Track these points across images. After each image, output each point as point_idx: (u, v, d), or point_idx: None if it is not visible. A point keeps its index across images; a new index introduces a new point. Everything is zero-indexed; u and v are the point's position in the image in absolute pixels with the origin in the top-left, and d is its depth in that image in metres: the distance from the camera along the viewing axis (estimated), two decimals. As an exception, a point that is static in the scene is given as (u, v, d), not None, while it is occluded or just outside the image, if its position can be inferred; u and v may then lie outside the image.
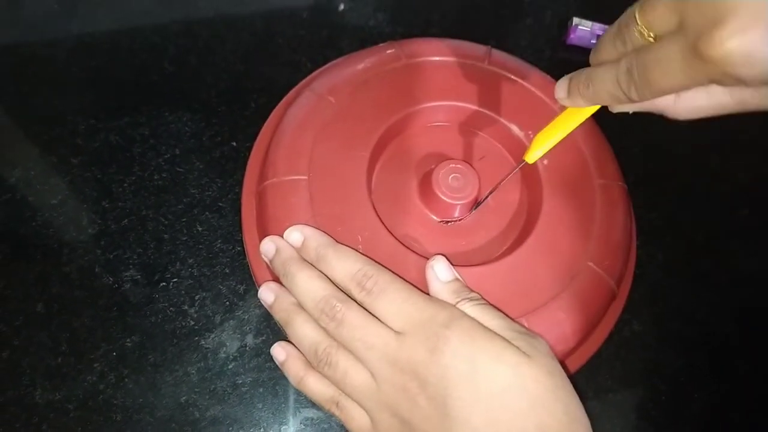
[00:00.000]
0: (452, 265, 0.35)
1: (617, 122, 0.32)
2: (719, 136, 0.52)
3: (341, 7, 0.54)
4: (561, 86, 0.33)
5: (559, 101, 0.33)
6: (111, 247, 0.42)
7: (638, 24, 0.27)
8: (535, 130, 0.34)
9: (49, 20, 0.51)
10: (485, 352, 0.30)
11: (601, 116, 0.34)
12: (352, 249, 0.35)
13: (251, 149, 0.44)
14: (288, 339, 0.36)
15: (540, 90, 0.44)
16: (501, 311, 0.33)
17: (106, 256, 0.42)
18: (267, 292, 0.37)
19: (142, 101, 0.48)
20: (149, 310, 0.41)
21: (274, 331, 0.41)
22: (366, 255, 0.35)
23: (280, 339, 0.37)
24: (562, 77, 0.33)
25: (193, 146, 0.46)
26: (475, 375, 0.29)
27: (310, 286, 0.34)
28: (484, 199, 0.40)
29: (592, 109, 0.33)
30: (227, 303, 0.41)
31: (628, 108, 0.32)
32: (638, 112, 0.32)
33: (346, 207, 0.38)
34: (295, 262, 0.35)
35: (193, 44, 0.51)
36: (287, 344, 0.36)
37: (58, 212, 0.43)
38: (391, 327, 0.32)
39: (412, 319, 0.31)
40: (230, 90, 0.49)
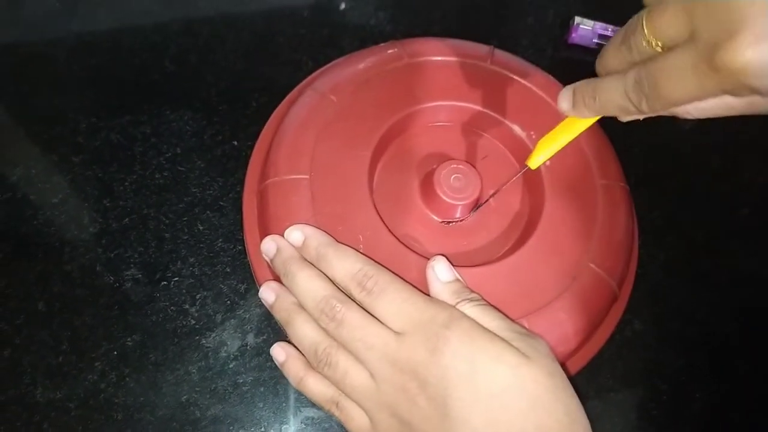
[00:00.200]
0: (453, 265, 0.35)
1: (619, 122, 0.32)
2: (720, 136, 0.52)
3: (342, 6, 0.54)
4: (565, 97, 0.32)
5: (563, 113, 0.32)
6: (112, 245, 0.42)
7: (645, 33, 0.26)
8: (538, 130, 0.34)
9: (50, 19, 0.51)
10: (485, 353, 0.30)
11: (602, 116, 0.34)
12: (353, 249, 0.35)
13: (252, 148, 0.44)
14: (288, 339, 0.36)
15: (543, 90, 0.44)
16: (501, 312, 0.33)
17: (107, 254, 0.42)
18: (268, 292, 0.37)
19: (143, 100, 0.48)
20: (150, 309, 0.41)
21: (275, 330, 0.41)
22: (367, 255, 0.35)
23: (280, 338, 0.37)
24: (564, 87, 0.32)
25: (195, 145, 0.46)
26: (475, 375, 0.29)
27: (310, 285, 0.34)
28: (486, 201, 0.40)
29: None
30: (228, 302, 0.41)
31: (638, 116, 0.31)
32: (648, 117, 0.31)
33: (348, 206, 0.38)
34: (295, 261, 0.35)
35: (194, 43, 0.51)
36: (287, 344, 0.36)
37: (60, 211, 0.43)
38: (390, 327, 0.32)
39: (412, 319, 0.31)
40: (231, 89, 0.49)
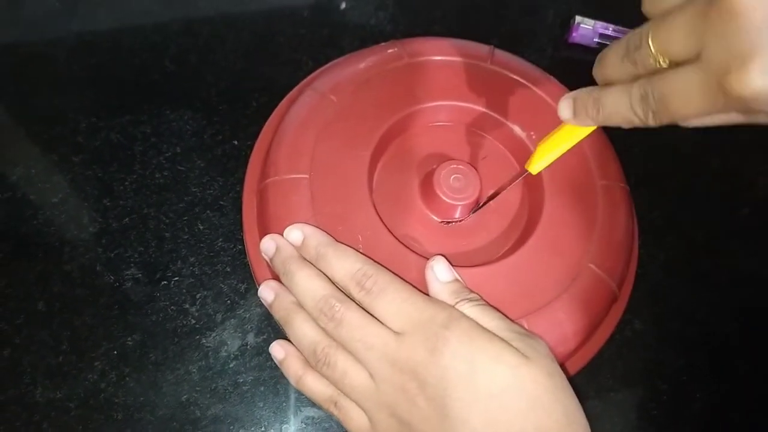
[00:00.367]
0: (452, 265, 0.35)
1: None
2: (720, 136, 0.52)
3: (342, 5, 0.54)
4: (565, 106, 0.31)
5: (564, 121, 0.32)
6: (112, 245, 0.42)
7: (652, 50, 0.25)
8: (538, 130, 0.33)
9: (50, 19, 0.51)
10: (484, 353, 0.30)
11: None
12: (352, 248, 0.35)
13: (252, 148, 0.44)
14: (287, 338, 0.36)
15: (543, 91, 0.44)
16: (500, 312, 0.33)
17: (107, 254, 0.42)
18: (267, 291, 0.37)
19: (143, 100, 0.48)
20: (150, 309, 0.41)
21: (275, 329, 0.41)
22: (366, 255, 0.35)
23: (280, 338, 0.37)
24: (565, 95, 0.31)
25: (195, 145, 0.46)
26: (475, 376, 0.29)
27: (309, 285, 0.34)
28: (485, 203, 0.40)
29: None
30: (228, 302, 0.41)
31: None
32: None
33: (347, 206, 0.38)
34: (295, 260, 0.35)
35: (194, 43, 0.51)
36: (286, 343, 0.36)
37: (59, 211, 0.43)
38: (390, 327, 0.32)
39: (411, 319, 0.31)
40: (231, 88, 0.49)
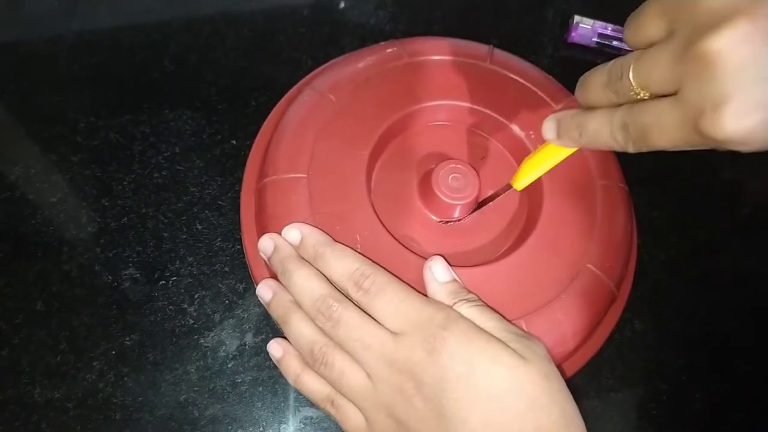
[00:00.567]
0: (451, 265, 0.35)
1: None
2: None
3: (342, 4, 0.54)
4: (549, 128, 0.32)
5: (547, 141, 0.33)
6: (111, 245, 0.42)
7: (632, 84, 0.26)
8: (537, 130, 0.33)
9: (50, 18, 0.51)
10: (483, 354, 0.30)
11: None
12: (350, 248, 0.35)
13: (251, 147, 0.44)
14: (285, 336, 0.36)
15: (542, 90, 0.44)
16: (498, 313, 0.33)
17: (105, 254, 0.42)
18: (265, 289, 0.36)
19: (142, 99, 0.48)
20: (149, 309, 0.41)
21: (273, 329, 0.41)
22: (364, 254, 0.35)
23: (279, 337, 0.37)
24: (548, 116, 0.32)
25: (194, 144, 0.46)
26: (473, 376, 0.29)
27: (307, 284, 0.34)
28: (477, 209, 0.40)
29: None
30: (227, 301, 0.41)
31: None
32: None
33: (346, 206, 0.38)
34: (293, 260, 0.35)
35: (194, 42, 0.51)
36: (284, 341, 0.36)
37: (58, 210, 0.43)
38: (387, 327, 0.32)
39: (409, 319, 0.31)
40: (231, 88, 0.49)
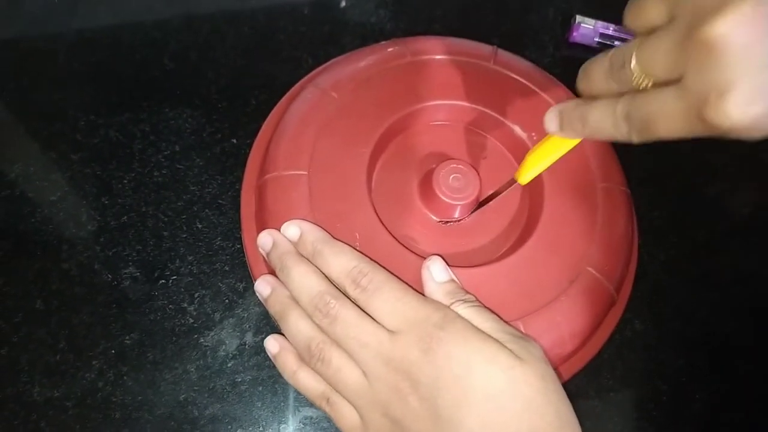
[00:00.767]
0: (449, 265, 0.35)
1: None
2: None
3: (343, 3, 0.54)
4: (551, 120, 0.32)
5: (550, 133, 0.32)
6: (110, 243, 0.42)
7: (635, 73, 0.26)
8: (539, 131, 0.33)
9: (50, 15, 0.51)
10: (479, 354, 0.30)
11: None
12: (349, 246, 0.35)
13: (252, 146, 0.44)
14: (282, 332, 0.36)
15: (545, 92, 0.43)
16: (495, 314, 0.33)
17: (105, 252, 0.42)
18: (263, 285, 0.36)
19: (142, 97, 0.47)
20: (148, 308, 0.41)
21: (273, 329, 0.41)
22: (363, 253, 0.35)
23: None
24: (551, 108, 0.32)
25: (194, 143, 0.46)
26: (469, 377, 0.29)
27: (305, 281, 0.34)
28: (478, 207, 0.40)
29: None
30: (227, 301, 0.41)
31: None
32: None
33: (346, 204, 0.38)
34: (291, 256, 0.35)
35: (194, 40, 0.50)
36: (281, 337, 0.36)
37: (58, 208, 0.43)
38: (384, 326, 0.32)
39: (406, 318, 0.31)
40: (231, 86, 0.49)
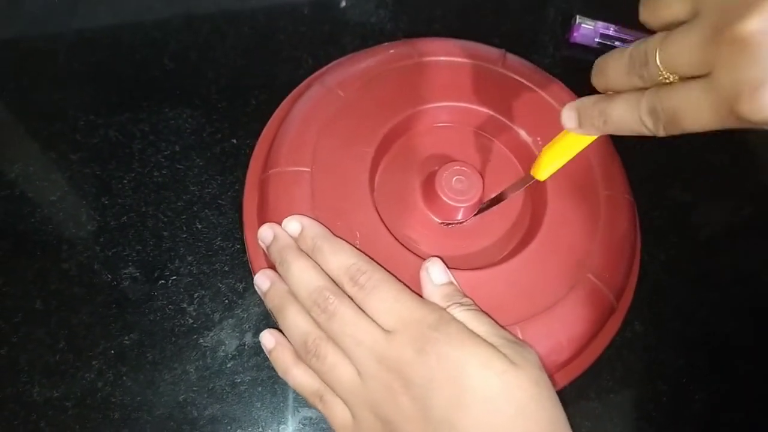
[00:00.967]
0: (449, 267, 0.35)
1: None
2: (721, 136, 0.52)
3: (343, 3, 0.54)
4: (570, 117, 0.31)
5: (568, 131, 0.32)
6: (110, 244, 0.42)
7: (660, 68, 0.25)
8: (544, 136, 0.32)
9: (50, 15, 0.51)
10: (473, 358, 0.30)
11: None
12: (349, 244, 0.35)
13: (252, 146, 0.44)
14: (278, 328, 0.36)
15: (552, 97, 0.43)
16: (491, 318, 0.33)
17: (105, 253, 0.42)
18: (263, 279, 0.36)
19: (142, 97, 0.47)
20: (148, 308, 0.40)
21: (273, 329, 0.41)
22: (362, 251, 0.35)
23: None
24: (567, 105, 0.31)
25: (194, 143, 0.46)
26: (462, 380, 0.29)
27: (305, 276, 0.34)
28: (485, 208, 0.40)
29: None
30: (226, 301, 0.41)
31: None
32: None
33: (347, 202, 0.38)
34: (291, 250, 0.35)
35: (194, 40, 0.50)
36: (276, 332, 0.36)
37: (57, 208, 0.43)
38: (380, 325, 0.32)
39: (401, 318, 0.31)
40: (231, 86, 0.49)
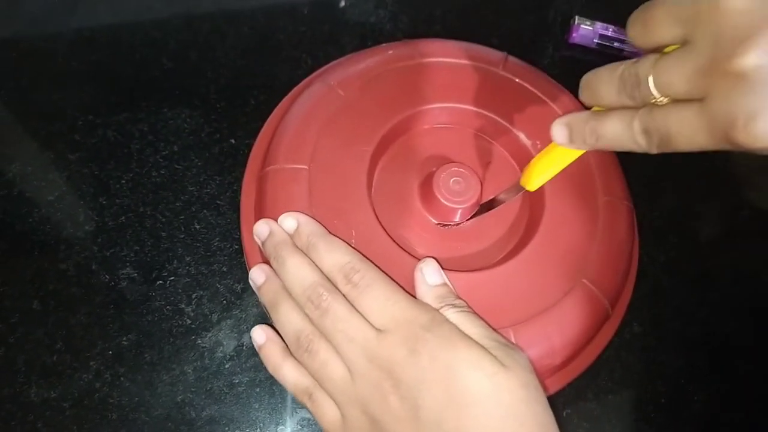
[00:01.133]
0: (444, 269, 0.35)
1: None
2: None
3: (342, 3, 0.54)
4: (560, 133, 0.31)
5: (558, 145, 0.31)
6: (108, 244, 0.42)
7: (653, 92, 0.26)
8: (543, 139, 0.32)
9: (49, 14, 0.51)
10: (463, 359, 0.29)
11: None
12: (344, 242, 0.35)
13: (250, 146, 0.44)
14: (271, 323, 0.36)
15: (552, 100, 0.43)
16: (485, 321, 0.33)
17: (103, 253, 0.42)
18: (258, 273, 0.36)
19: (141, 97, 0.47)
20: (146, 309, 0.40)
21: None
22: (358, 250, 0.35)
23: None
24: (557, 120, 0.31)
25: (192, 143, 0.46)
26: (451, 380, 0.29)
27: (299, 272, 0.34)
28: (478, 214, 0.40)
29: None
30: (224, 302, 0.41)
31: None
32: None
33: (344, 201, 0.38)
34: (286, 246, 0.35)
35: (194, 39, 0.50)
36: (268, 328, 0.36)
37: (55, 208, 0.43)
38: (372, 324, 0.32)
39: (394, 317, 0.31)
40: (230, 86, 0.48)
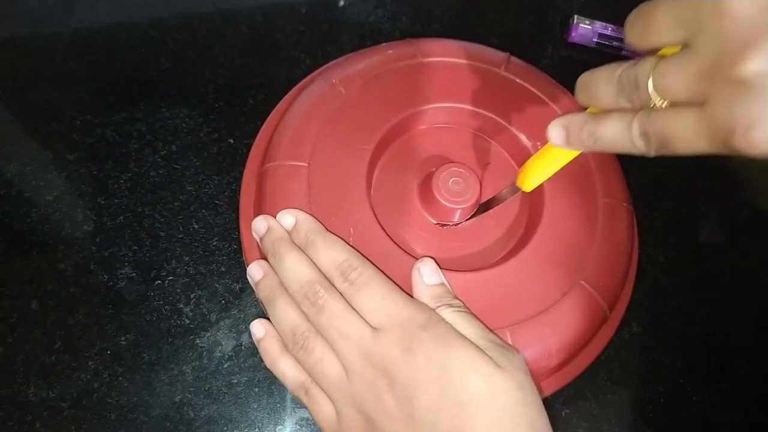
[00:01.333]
0: (442, 269, 0.35)
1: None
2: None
3: (341, 3, 0.54)
4: (557, 134, 0.31)
5: (555, 146, 0.31)
6: (106, 244, 0.42)
7: (652, 96, 0.26)
8: (544, 140, 0.32)
9: (47, 14, 0.50)
10: (458, 359, 0.29)
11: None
12: (342, 240, 0.35)
13: (249, 146, 0.44)
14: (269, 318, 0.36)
15: (553, 101, 0.43)
16: (481, 321, 0.33)
17: (101, 253, 0.42)
18: (256, 269, 0.36)
19: (139, 96, 0.47)
20: (144, 308, 0.40)
21: (270, 330, 0.41)
22: (355, 249, 0.35)
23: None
24: (553, 121, 0.31)
25: (191, 143, 0.46)
26: (446, 380, 0.29)
27: (296, 268, 0.34)
28: (475, 214, 0.40)
29: None
30: (223, 302, 0.41)
31: None
32: None
33: (343, 198, 0.38)
34: (284, 243, 0.35)
35: (192, 39, 0.50)
36: (267, 322, 0.36)
37: (54, 208, 0.43)
38: (369, 322, 0.32)
39: (390, 316, 0.31)
40: (228, 86, 0.48)
